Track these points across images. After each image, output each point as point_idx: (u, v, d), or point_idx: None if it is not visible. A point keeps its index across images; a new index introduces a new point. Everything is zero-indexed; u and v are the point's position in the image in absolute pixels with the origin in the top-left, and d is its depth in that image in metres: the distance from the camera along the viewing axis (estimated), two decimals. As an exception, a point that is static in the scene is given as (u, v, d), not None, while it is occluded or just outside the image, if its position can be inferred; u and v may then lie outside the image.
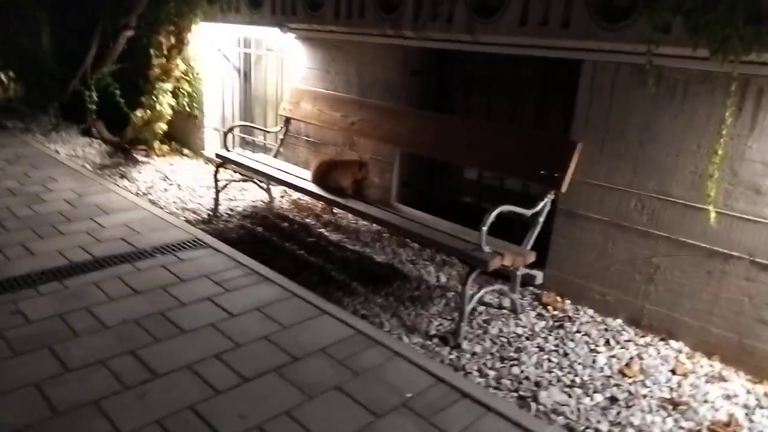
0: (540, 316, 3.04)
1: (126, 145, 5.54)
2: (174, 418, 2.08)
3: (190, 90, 5.54)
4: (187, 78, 5.38)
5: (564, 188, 2.84)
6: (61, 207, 4.06)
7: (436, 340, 2.77)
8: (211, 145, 5.70)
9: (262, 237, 3.86)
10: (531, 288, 3.29)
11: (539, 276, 3.29)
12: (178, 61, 5.02)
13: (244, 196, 4.65)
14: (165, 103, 4.99)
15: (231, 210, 4.32)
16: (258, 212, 4.33)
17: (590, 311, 3.09)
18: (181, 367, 2.36)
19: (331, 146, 4.42)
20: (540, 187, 2.96)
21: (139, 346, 2.49)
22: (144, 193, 4.56)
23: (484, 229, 2.60)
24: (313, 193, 3.50)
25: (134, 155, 5.53)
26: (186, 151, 5.82)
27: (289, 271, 3.34)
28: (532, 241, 2.91)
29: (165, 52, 5.01)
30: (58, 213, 3.95)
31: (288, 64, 4.65)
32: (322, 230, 4.03)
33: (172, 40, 5.00)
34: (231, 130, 4.38)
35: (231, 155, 4.12)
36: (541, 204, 2.88)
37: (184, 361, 2.40)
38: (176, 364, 2.38)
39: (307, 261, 3.55)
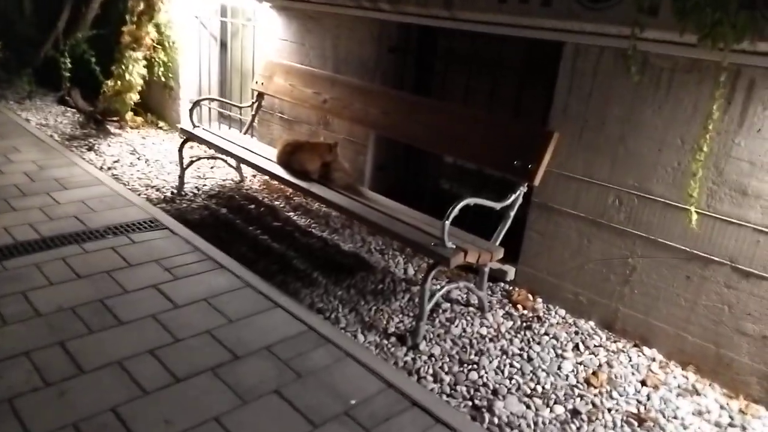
0: (508, 315, 2.86)
1: (98, 115, 5.31)
2: (91, 421, 1.92)
3: (165, 59, 5.29)
4: (160, 46, 5.12)
5: (537, 181, 2.64)
6: (19, 180, 3.86)
7: (393, 339, 2.60)
8: (185, 118, 5.46)
9: (225, 219, 3.67)
10: (502, 284, 3.11)
11: (511, 272, 3.11)
12: (150, 28, 4.75)
13: (214, 174, 4.45)
14: (135, 73, 4.74)
15: (197, 189, 4.12)
16: (225, 192, 4.13)
17: (562, 311, 2.91)
18: (111, 363, 2.19)
19: (305, 125, 4.20)
20: (513, 178, 2.76)
21: (70, 337, 2.32)
22: (109, 168, 4.36)
23: (447, 222, 2.41)
24: (276, 175, 3.30)
25: (107, 126, 5.31)
26: (161, 123, 5.59)
27: (248, 259, 3.16)
28: (501, 236, 2.72)
29: (134, 18, 4.73)
30: (15, 186, 3.75)
31: (263, 36, 4.40)
32: (291, 214, 3.84)
33: (142, 5, 4.72)
34: (197, 103, 4.14)
35: (196, 131, 3.90)
36: (513, 197, 2.68)
37: (114, 356, 2.23)
38: (106, 359, 2.21)
39: (269, 247, 3.37)
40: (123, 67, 4.70)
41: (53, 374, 2.10)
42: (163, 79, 5.36)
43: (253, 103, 4.20)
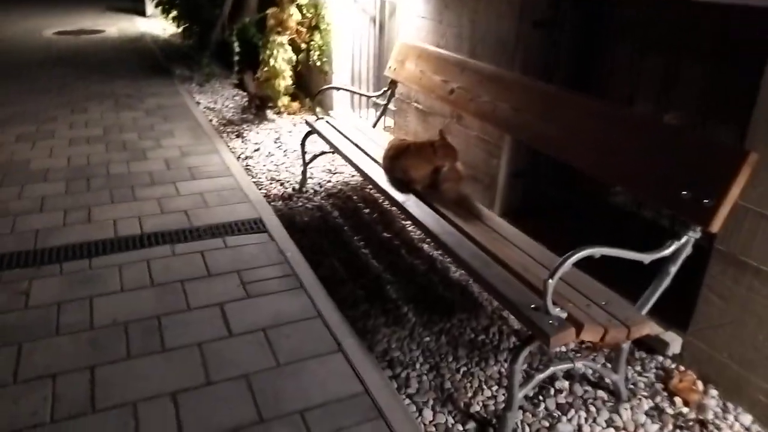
0: (657, 411, 1.97)
1: (258, 100, 5.30)
2: (68, 483, 1.64)
3: (320, 42, 5.05)
4: (316, 29, 4.87)
5: (716, 225, 1.70)
6: (156, 167, 3.92)
7: (472, 424, 1.92)
8: (340, 105, 5.19)
9: (333, 225, 3.25)
10: (658, 358, 2.20)
11: (675, 343, 2.18)
12: (293, 9, 4.50)
13: (344, 169, 4.07)
14: (280, 59, 4.55)
15: (320, 185, 3.78)
16: (346, 192, 3.73)
17: (746, 418, 1.93)
18: (125, 404, 1.91)
19: (438, 117, 3.57)
20: (679, 215, 1.85)
21: (104, 362, 2.10)
22: (246, 157, 4.25)
23: (550, 282, 1.64)
24: (375, 182, 2.76)
25: (265, 111, 5.28)
26: (318, 109, 5.40)
27: (336, 278, 2.71)
28: (652, 301, 1.84)
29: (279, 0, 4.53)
30: (148, 174, 3.80)
31: (406, 13, 3.84)
32: (407, 224, 3.28)
33: (283, -16, 4.49)
34: (320, 92, 3.77)
35: (318, 123, 3.53)
36: (674, 246, 1.78)
37: (133, 396, 1.94)
38: (122, 399, 1.93)
39: (366, 265, 2.87)
40: (268, 52, 4.54)
41: (63, 408, 1.89)
42: (318, 63, 5.15)
43: (385, 91, 3.69)
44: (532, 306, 1.74)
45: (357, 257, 2.93)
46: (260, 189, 3.70)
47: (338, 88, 4.50)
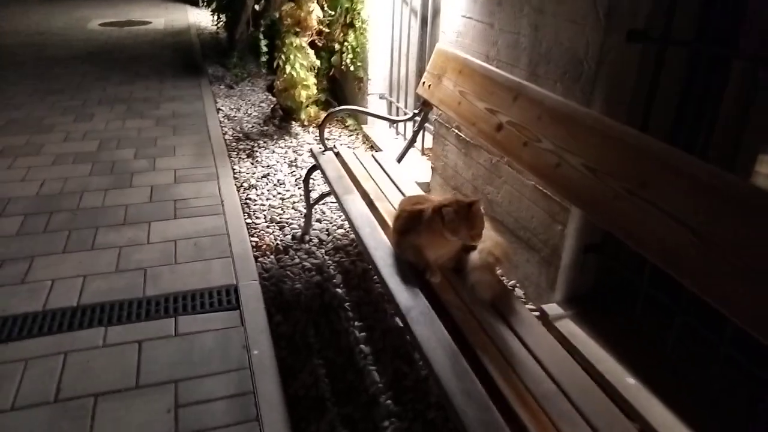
0: None
1: (281, 111, 4.54)
2: None
3: (354, 44, 4.20)
4: (348, 27, 4.03)
5: None
6: (136, 199, 3.22)
7: None
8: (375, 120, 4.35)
9: (330, 300, 2.41)
10: None
11: None
12: (312, 5, 3.66)
13: (364, 208, 3.21)
14: (298, 64, 3.74)
15: (327, 233, 2.94)
16: (357, 246, 2.88)
17: None
18: None
19: (485, 154, 2.65)
20: None
21: None
22: (249, 187, 3.47)
23: None
24: (372, 263, 1.89)
25: (290, 123, 4.50)
26: (350, 122, 4.58)
27: (314, 399, 1.88)
28: None
29: (296, -6, 3.70)
30: (124, 209, 3.10)
31: (448, 11, 2.92)
32: (431, 304, 2.40)
33: (302, -25, 3.66)
34: (329, 116, 2.91)
35: (323, 157, 2.69)
36: None
37: None
38: None
39: (360, 377, 2.01)
40: (284, 57, 3.73)
41: None
42: (351, 67, 4.31)
43: (415, 114, 2.81)
44: None
45: (352, 361, 2.08)
46: (252, 235, 2.91)
47: (351, 110, 3.63)
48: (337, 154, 2.74)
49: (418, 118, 2.79)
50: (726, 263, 1.22)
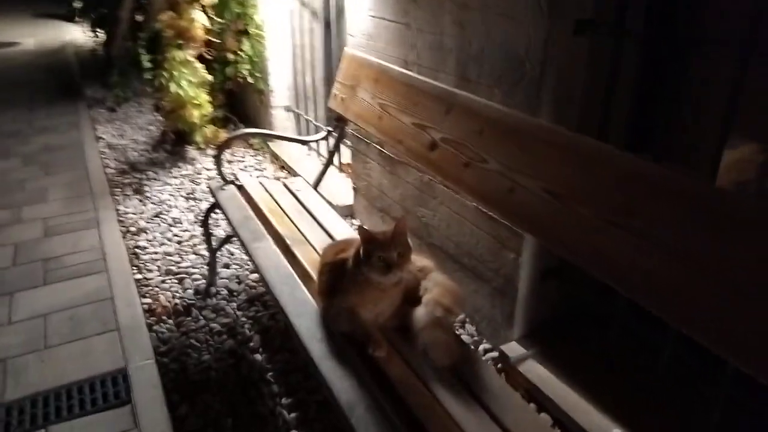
0: None
1: (172, 134, 3.99)
2: None
3: (250, 52, 3.74)
4: (242, 35, 3.57)
5: None
6: (-4, 262, 2.61)
7: None
8: (282, 129, 3.91)
9: (249, 374, 1.97)
10: None
11: None
12: (196, 13, 3.17)
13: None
14: (184, 82, 3.23)
15: (238, 280, 2.49)
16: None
17: None
18: None
19: (413, 171, 2.30)
20: None
21: None
22: (137, 231, 2.93)
23: None
24: (294, 333, 1.48)
25: (184, 148, 3.96)
26: (255, 139, 4.10)
27: None
28: None
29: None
30: (-23, 278, 2.49)
31: (354, 10, 2.54)
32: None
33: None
34: (227, 142, 2.46)
35: (223, 194, 2.23)
36: None
37: None
38: None
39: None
40: (166, 74, 3.21)
41: None
42: (249, 79, 3.84)
43: (330, 132, 2.41)
44: None
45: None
46: (144, 295, 2.40)
47: (253, 133, 3.16)
48: (240, 188, 2.29)
49: (333, 137, 2.40)
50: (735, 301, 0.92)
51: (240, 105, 4.33)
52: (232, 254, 2.66)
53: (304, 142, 2.72)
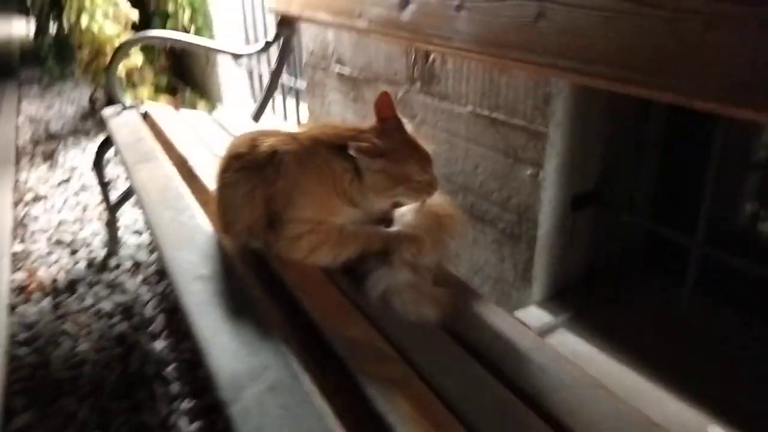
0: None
1: (102, 97, 3.35)
2: None
3: (191, -2, 3.12)
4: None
5: None
6: None
7: None
8: (234, 93, 3.29)
9: (141, 368, 1.31)
10: None
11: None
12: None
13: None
14: (99, 14, 2.57)
15: (151, 250, 1.84)
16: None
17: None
18: None
19: (385, 85, 1.68)
20: None
21: None
22: (35, 199, 2.28)
23: None
24: (175, 290, 0.86)
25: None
26: (201, 103, 3.47)
27: None
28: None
29: None
30: None
31: None
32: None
33: None
34: (121, 48, 1.83)
35: (116, 121, 1.60)
36: None
37: None
38: None
39: None
40: (73, 6, 2.55)
41: None
42: (191, 31, 3.22)
43: (268, 43, 1.78)
44: None
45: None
46: (19, 269, 1.75)
47: (153, 37, 2.27)
48: (145, 115, 1.65)
49: (275, 48, 1.77)
50: None
51: (186, 68, 3.71)
52: (136, 223, 2.01)
53: (238, 56, 2.07)
